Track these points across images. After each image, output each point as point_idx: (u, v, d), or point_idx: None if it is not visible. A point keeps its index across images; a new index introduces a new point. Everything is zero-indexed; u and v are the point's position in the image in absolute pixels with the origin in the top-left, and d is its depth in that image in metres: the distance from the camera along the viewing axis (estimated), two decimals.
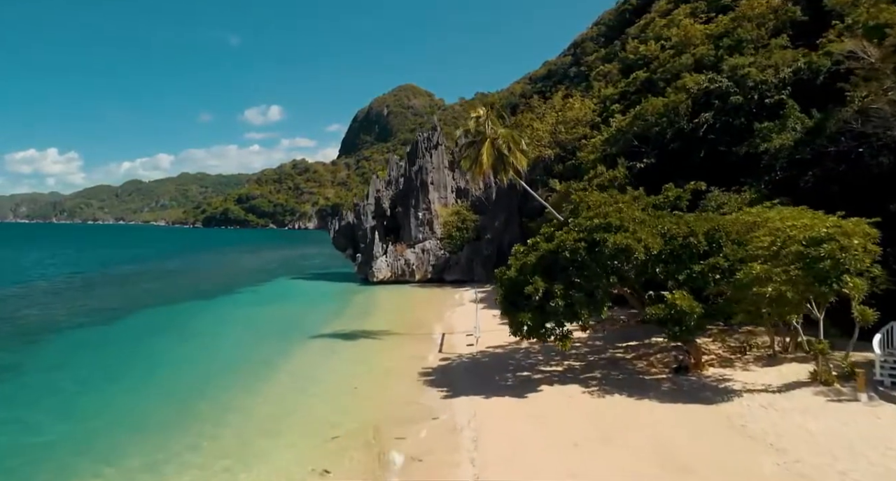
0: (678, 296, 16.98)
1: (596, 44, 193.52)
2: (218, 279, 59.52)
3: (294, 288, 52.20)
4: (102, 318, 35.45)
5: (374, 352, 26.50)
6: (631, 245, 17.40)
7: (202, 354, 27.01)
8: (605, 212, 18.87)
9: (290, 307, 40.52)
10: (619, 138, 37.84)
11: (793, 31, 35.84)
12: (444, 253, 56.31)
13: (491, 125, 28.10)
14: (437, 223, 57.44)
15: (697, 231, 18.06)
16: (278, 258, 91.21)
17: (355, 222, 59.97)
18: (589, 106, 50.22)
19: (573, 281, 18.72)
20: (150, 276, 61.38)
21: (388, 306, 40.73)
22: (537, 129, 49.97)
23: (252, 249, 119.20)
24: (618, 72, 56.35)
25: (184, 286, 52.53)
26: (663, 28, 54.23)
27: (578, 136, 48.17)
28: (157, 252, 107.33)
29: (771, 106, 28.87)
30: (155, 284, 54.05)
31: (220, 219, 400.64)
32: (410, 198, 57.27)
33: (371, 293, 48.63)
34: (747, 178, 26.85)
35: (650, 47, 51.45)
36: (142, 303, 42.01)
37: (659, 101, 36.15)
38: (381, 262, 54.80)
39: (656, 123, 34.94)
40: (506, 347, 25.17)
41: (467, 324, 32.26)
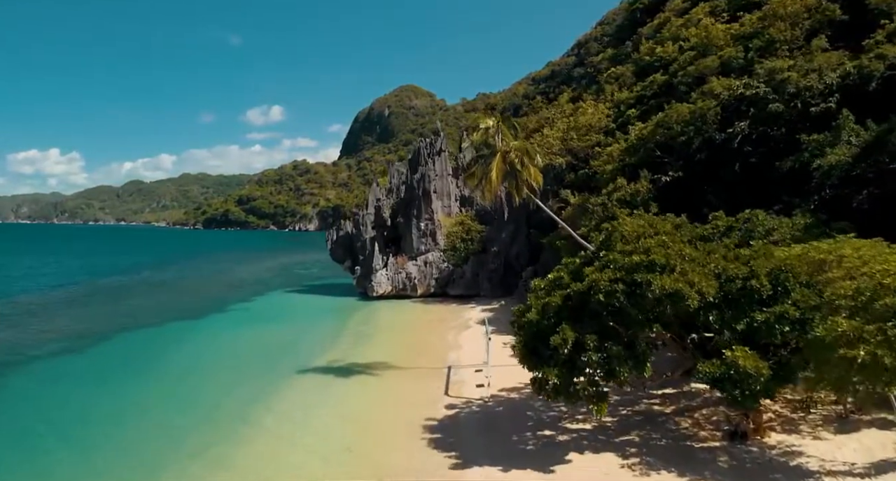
0: (740, 354, 13.89)
1: (600, 44, 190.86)
2: (210, 292, 56.49)
3: (288, 304, 49.15)
4: (73, 345, 32.46)
5: (372, 394, 23.43)
6: (682, 290, 14.33)
7: (178, 395, 23.97)
8: (647, 247, 15.76)
9: (282, 329, 37.48)
10: (639, 147, 34.76)
11: (831, 32, 32.77)
12: (447, 265, 53.24)
13: (502, 137, 25.04)
14: (440, 234, 54.39)
15: (759, 271, 14.98)
16: (275, 266, 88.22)
17: (354, 232, 56.94)
18: (602, 111, 47.15)
19: (608, 329, 15.67)
20: (139, 290, 58.36)
21: (387, 329, 37.68)
22: (547, 136, 46.91)
23: (249, 256, 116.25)
24: (631, 74, 53.27)
25: (172, 303, 49.48)
26: (680, 28, 51.12)
27: (591, 144, 45.11)
28: (153, 258, 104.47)
29: (817, 115, 25.78)
30: (142, 300, 51.01)
31: (221, 220, 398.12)
32: (412, 207, 54.21)
33: (370, 310, 45.59)
34: (792, 197, 23.78)
35: (667, 48, 48.36)
36: (123, 324, 38.99)
37: (684, 107, 33.08)
38: (381, 276, 51.74)
39: (682, 132, 31.85)
40: (521, 391, 22.09)
41: (475, 353, 29.23)
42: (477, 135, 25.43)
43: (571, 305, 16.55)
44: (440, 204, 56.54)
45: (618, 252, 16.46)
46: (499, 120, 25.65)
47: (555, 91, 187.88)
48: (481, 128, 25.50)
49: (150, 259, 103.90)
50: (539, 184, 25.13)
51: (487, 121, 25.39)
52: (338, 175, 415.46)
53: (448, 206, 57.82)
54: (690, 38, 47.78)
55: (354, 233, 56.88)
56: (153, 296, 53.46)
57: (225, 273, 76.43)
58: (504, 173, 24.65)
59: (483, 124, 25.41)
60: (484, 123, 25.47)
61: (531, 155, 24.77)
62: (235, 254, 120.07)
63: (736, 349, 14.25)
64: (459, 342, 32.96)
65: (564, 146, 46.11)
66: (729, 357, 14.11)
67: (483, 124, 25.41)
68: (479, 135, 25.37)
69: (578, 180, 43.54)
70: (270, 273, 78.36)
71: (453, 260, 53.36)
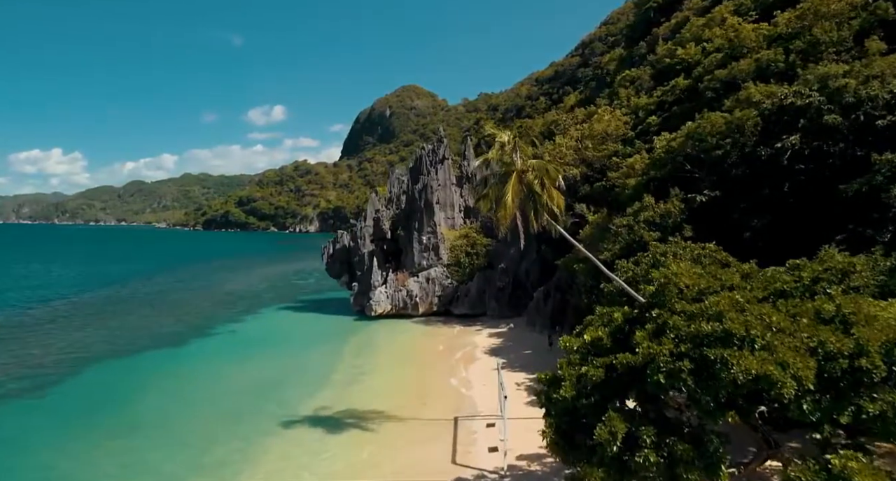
0: (856, 466, 10.33)
1: (605, 44, 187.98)
2: (198, 309, 52.97)
3: (279, 325, 45.58)
4: (32, 383, 28.99)
5: (365, 460, 19.87)
6: (772, 374, 10.78)
7: (144, 453, 20.45)
8: (718, 310, 12.17)
9: (270, 361, 33.91)
10: (667, 161, 31.17)
11: (884, 33, 29.16)
12: (451, 282, 49.70)
13: (519, 153, 21.48)
14: (443, 248, 50.87)
15: (867, 345, 11.42)
16: (271, 276, 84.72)
17: (351, 245, 53.43)
18: (619, 117, 43.54)
19: (668, 419, 12.14)
20: (124, 307, 54.84)
21: (385, 362, 34.11)
22: (559, 145, 43.31)
23: (246, 262, 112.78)
24: (649, 77, 49.67)
25: (156, 324, 45.90)
26: (702, 28, 47.50)
27: (608, 153, 41.52)
28: (147, 265, 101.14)
29: (883, 129, 22.19)
30: (124, 320, 47.47)
31: (221, 221, 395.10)
32: (413, 220, 50.68)
33: (368, 335, 42.04)
34: (862, 227, 20.20)
35: (689, 50, 44.74)
36: (97, 354, 35.53)
37: (718, 116, 29.47)
38: (380, 294, 48.18)
39: (717, 145, 28.26)
40: (544, 461, 18.53)
41: (486, 397, 25.73)
42: (492, 152, 21.89)
43: (617, 380, 13.02)
44: (443, 215, 53.05)
45: (678, 313, 12.88)
46: (515, 134, 22.13)
47: (559, 92, 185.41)
48: (497, 143, 21.97)
49: (144, 266, 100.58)
50: (561, 208, 21.62)
51: (502, 136, 21.87)
52: (339, 176, 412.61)
53: (451, 218, 54.34)
54: (714, 39, 44.25)
55: (352, 246, 53.38)
56: (137, 315, 49.91)
57: (217, 284, 72.90)
58: (521, 196, 21.11)
59: (498, 139, 21.89)
60: (499, 138, 21.95)
61: (552, 175, 21.24)
62: (232, 260, 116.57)
63: (845, 455, 10.71)
64: (468, 378, 29.45)
65: (578, 155, 42.52)
66: (836, 466, 10.56)
67: (498, 139, 21.89)
68: (493, 151, 21.84)
69: (595, 193, 39.96)
70: (265, 283, 74.84)
71: (457, 276, 49.84)
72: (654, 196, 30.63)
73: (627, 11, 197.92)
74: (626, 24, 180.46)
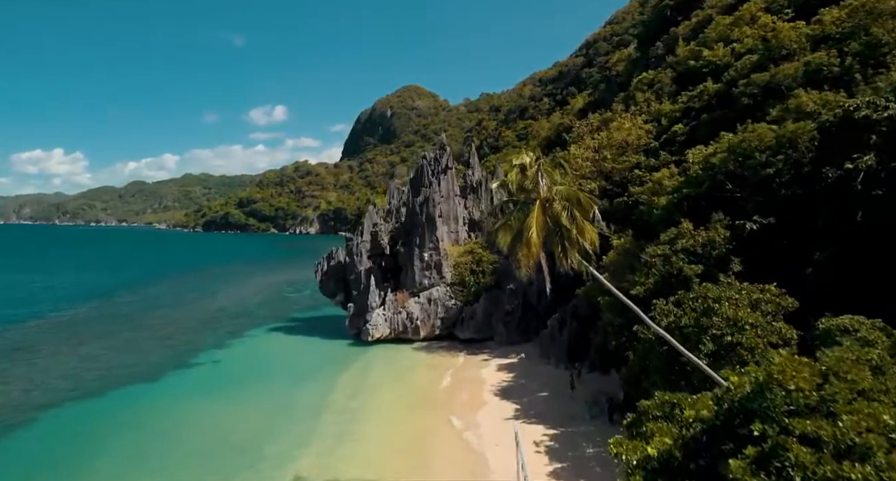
0: None
1: (610, 44, 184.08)
2: (181, 332, 49.04)
3: (267, 354, 41.62)
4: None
5: None
6: None
7: None
8: (865, 446, 8.20)
9: (253, 404, 30.00)
10: (704, 178, 27.20)
11: None
12: (455, 303, 45.78)
13: (545, 179, 17.55)
14: (446, 265, 46.94)
15: None
16: (265, 287, 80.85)
17: (347, 261, 49.52)
18: (639, 125, 39.57)
19: None
20: (101, 328, 50.86)
21: (383, 402, 30.21)
22: (575, 156, 39.37)
23: (241, 270, 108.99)
24: (671, 81, 45.67)
25: (132, 352, 41.89)
26: (730, 27, 43.50)
27: (629, 165, 37.58)
28: (139, 274, 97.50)
29: None
30: (99, 346, 43.54)
31: (221, 223, 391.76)
32: (414, 235, 46.75)
33: (363, 365, 38.12)
34: None
35: (717, 51, 40.73)
36: (61, 393, 31.69)
37: (766, 129, 25.53)
38: (378, 317, 44.25)
39: (767, 163, 24.31)
40: None
41: (501, 459, 21.80)
42: (511, 175, 17.97)
43: None
44: (446, 229, 49.12)
45: (796, 436, 8.90)
46: (539, 156, 18.23)
47: (563, 93, 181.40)
48: (514, 165, 18.07)
49: (135, 274, 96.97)
50: (595, 245, 17.73)
51: (524, 158, 17.96)
52: (339, 177, 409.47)
53: (455, 232, 50.42)
54: (744, 39, 40.29)
55: (347, 262, 49.47)
56: (115, 340, 46.00)
57: (208, 298, 69.02)
58: (546, 230, 17.22)
59: (518, 161, 17.97)
60: (518, 159, 18.04)
61: (584, 206, 17.34)
62: (227, 267, 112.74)
63: None
64: (478, 427, 25.53)
65: (596, 167, 38.57)
66: None
67: (518, 161, 17.97)
68: (513, 175, 17.92)
69: (615, 210, 35.98)
70: (258, 297, 70.95)
71: (462, 296, 45.92)
72: (690, 219, 26.74)
73: (632, 10, 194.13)
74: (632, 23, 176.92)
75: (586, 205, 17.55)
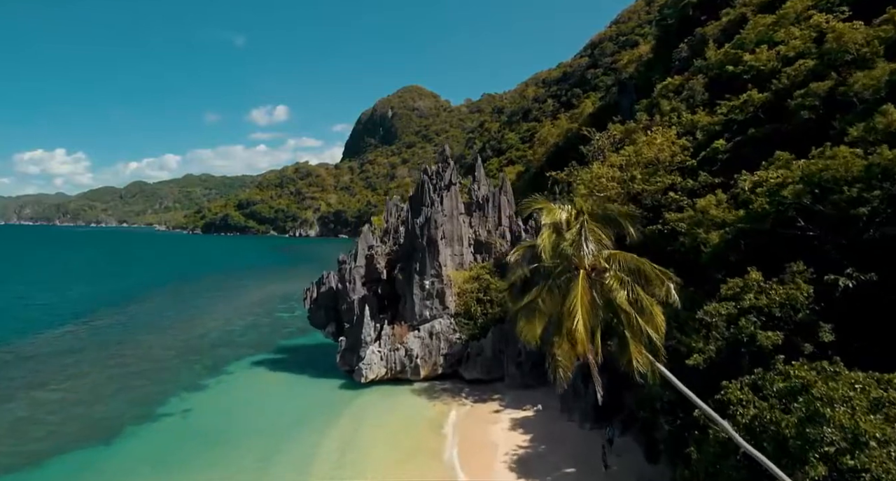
0: None
1: (615, 44, 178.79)
2: (155, 367, 43.89)
3: (247, 400, 36.31)
4: None
5: None
6: None
7: None
8: None
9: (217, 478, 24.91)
10: (768, 213, 22.08)
11: None
12: (459, 336, 40.73)
13: (589, 240, 12.44)
14: (449, 294, 41.87)
15: None
16: (256, 304, 75.82)
17: (339, 288, 44.46)
18: (671, 138, 34.42)
19: None
20: (65, 362, 45.64)
21: (377, 465, 25.25)
22: (598, 175, 34.26)
23: (235, 280, 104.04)
24: (703, 88, 40.49)
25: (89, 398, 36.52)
26: (773, 28, 38.34)
27: (662, 187, 32.47)
28: (125, 286, 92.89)
29: None
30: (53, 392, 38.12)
31: (220, 224, 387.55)
32: (414, 260, 41.67)
33: (355, 414, 33.10)
34: None
35: (760, 55, 35.58)
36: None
37: (850, 155, 20.44)
38: (373, 354, 39.18)
39: (860, 199, 19.20)
40: None
41: None
42: (543, 237, 12.88)
43: None
44: (449, 252, 44.04)
45: None
46: (581, 207, 13.14)
47: (567, 94, 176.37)
48: (546, 221, 13.03)
49: (122, 286, 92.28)
50: (661, 333, 12.65)
51: (558, 213, 12.95)
52: (340, 178, 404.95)
53: (460, 254, 45.34)
54: (791, 41, 35.19)
55: (339, 289, 44.41)
56: (78, 379, 40.91)
57: (191, 320, 63.98)
58: (594, 315, 12.17)
59: (549, 217, 12.93)
60: (550, 215, 13.01)
61: (651, 278, 12.25)
62: (219, 277, 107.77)
63: None
64: None
65: (624, 189, 33.45)
66: None
67: (549, 217, 12.93)
68: (545, 236, 12.85)
69: (649, 241, 30.82)
70: (248, 317, 65.88)
71: (467, 330, 40.85)
72: (751, 262, 21.65)
73: (639, 10, 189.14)
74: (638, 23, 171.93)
75: (653, 278, 12.42)
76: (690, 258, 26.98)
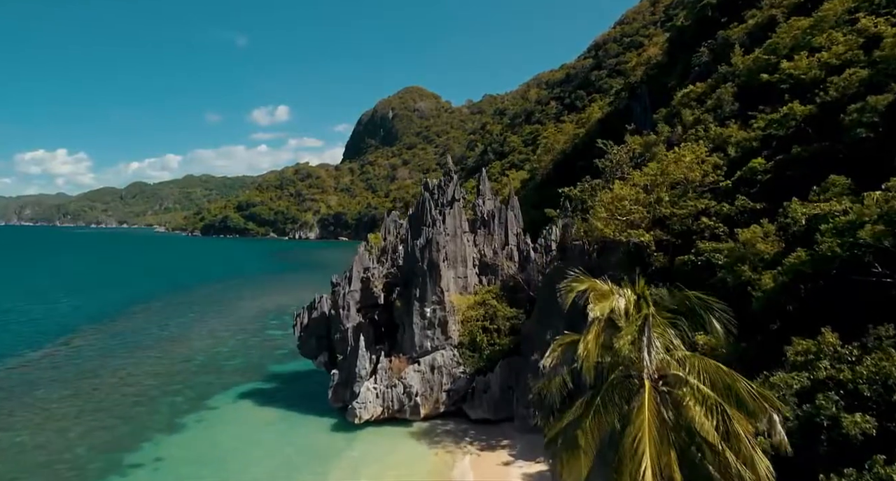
0: None
1: (620, 45, 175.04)
2: (126, 404, 39.95)
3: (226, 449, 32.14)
4: None
5: None
6: None
7: None
8: None
9: None
10: (839, 255, 18.42)
11: None
12: (464, 370, 37.12)
13: (655, 340, 8.76)
14: (452, 322, 38.25)
15: None
16: (248, 321, 72.16)
17: (332, 314, 40.83)
18: (702, 155, 30.71)
19: None
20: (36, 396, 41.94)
21: None
22: (619, 196, 30.58)
23: (230, 290, 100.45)
24: (732, 97, 36.80)
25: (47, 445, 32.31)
26: (810, 32, 34.66)
27: (693, 210, 28.83)
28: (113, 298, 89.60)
29: None
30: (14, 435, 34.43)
31: (220, 226, 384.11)
32: (413, 286, 38.02)
33: (348, 468, 29.43)
34: None
35: (800, 63, 31.89)
36: None
37: None
38: (368, 392, 35.53)
39: None
40: None
41: None
42: (591, 338, 9.28)
43: None
44: (452, 274, 40.43)
45: None
46: (642, 292, 9.51)
47: (571, 96, 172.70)
48: (594, 312, 9.44)
49: (111, 297, 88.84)
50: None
51: (607, 303, 9.34)
52: (340, 179, 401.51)
53: (464, 276, 41.72)
54: (834, 47, 31.52)
55: (332, 315, 40.78)
56: (41, 416, 37.15)
57: (176, 340, 60.32)
58: (664, 443, 8.61)
59: (599, 307, 9.33)
60: (600, 304, 9.41)
61: (746, 401, 8.62)
62: (214, 287, 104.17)
63: None
64: None
65: (649, 212, 29.80)
66: None
67: (599, 307, 9.33)
68: (593, 336, 9.27)
69: (679, 272, 27.20)
70: (236, 337, 62.25)
71: (472, 363, 37.23)
72: (816, 314, 18.05)
73: (643, 10, 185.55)
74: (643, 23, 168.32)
75: (747, 401, 8.73)
76: (732, 296, 23.33)
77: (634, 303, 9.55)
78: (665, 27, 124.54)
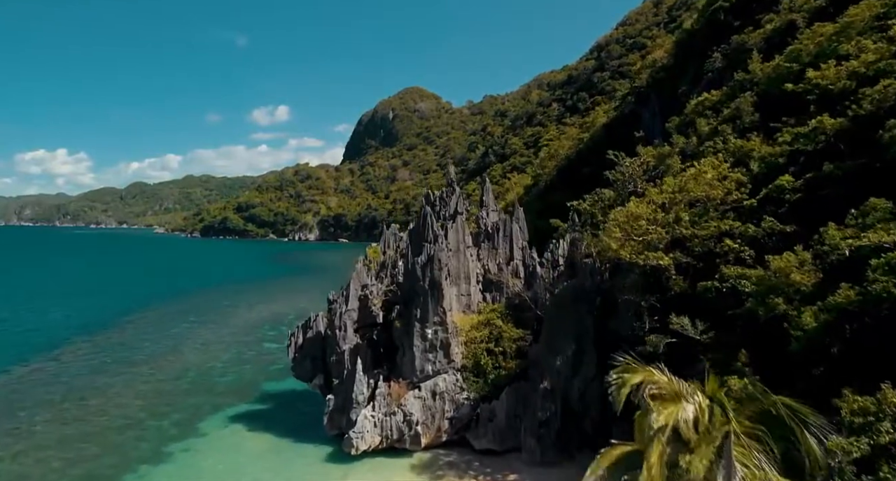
0: None
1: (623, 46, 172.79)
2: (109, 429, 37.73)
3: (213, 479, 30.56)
4: None
5: None
6: None
7: None
8: None
9: None
10: (892, 295, 16.37)
11: None
12: (467, 396, 35.05)
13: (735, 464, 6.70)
14: (455, 344, 36.18)
15: None
16: (243, 332, 70.08)
17: (327, 335, 38.80)
18: (724, 172, 28.65)
19: None
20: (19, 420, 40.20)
21: None
22: (635, 215, 28.53)
23: (226, 299, 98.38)
24: (751, 107, 34.72)
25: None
26: (837, 38, 32.60)
27: (716, 232, 26.77)
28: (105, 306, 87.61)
29: None
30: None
31: (219, 228, 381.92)
32: (414, 306, 35.94)
33: None
34: None
35: (828, 72, 29.82)
36: None
37: None
38: (366, 421, 33.47)
39: None
40: None
41: None
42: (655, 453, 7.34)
43: None
44: (455, 292, 38.40)
45: None
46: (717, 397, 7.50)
47: (573, 98, 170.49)
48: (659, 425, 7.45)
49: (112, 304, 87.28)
50: None
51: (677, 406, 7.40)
52: (340, 180, 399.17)
53: (467, 294, 39.67)
54: (863, 55, 29.48)
55: (328, 335, 38.74)
56: (21, 444, 35.08)
57: (167, 354, 58.28)
58: None
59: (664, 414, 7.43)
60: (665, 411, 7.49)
61: None
62: (210, 294, 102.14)
63: None
64: None
65: (668, 233, 27.73)
66: None
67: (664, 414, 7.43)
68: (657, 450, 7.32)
69: (701, 298, 25.17)
70: (230, 350, 60.20)
71: (476, 388, 35.14)
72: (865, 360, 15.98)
73: (646, 12, 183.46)
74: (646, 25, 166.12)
75: None
76: (763, 332, 21.31)
77: (707, 410, 7.52)
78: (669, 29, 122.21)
